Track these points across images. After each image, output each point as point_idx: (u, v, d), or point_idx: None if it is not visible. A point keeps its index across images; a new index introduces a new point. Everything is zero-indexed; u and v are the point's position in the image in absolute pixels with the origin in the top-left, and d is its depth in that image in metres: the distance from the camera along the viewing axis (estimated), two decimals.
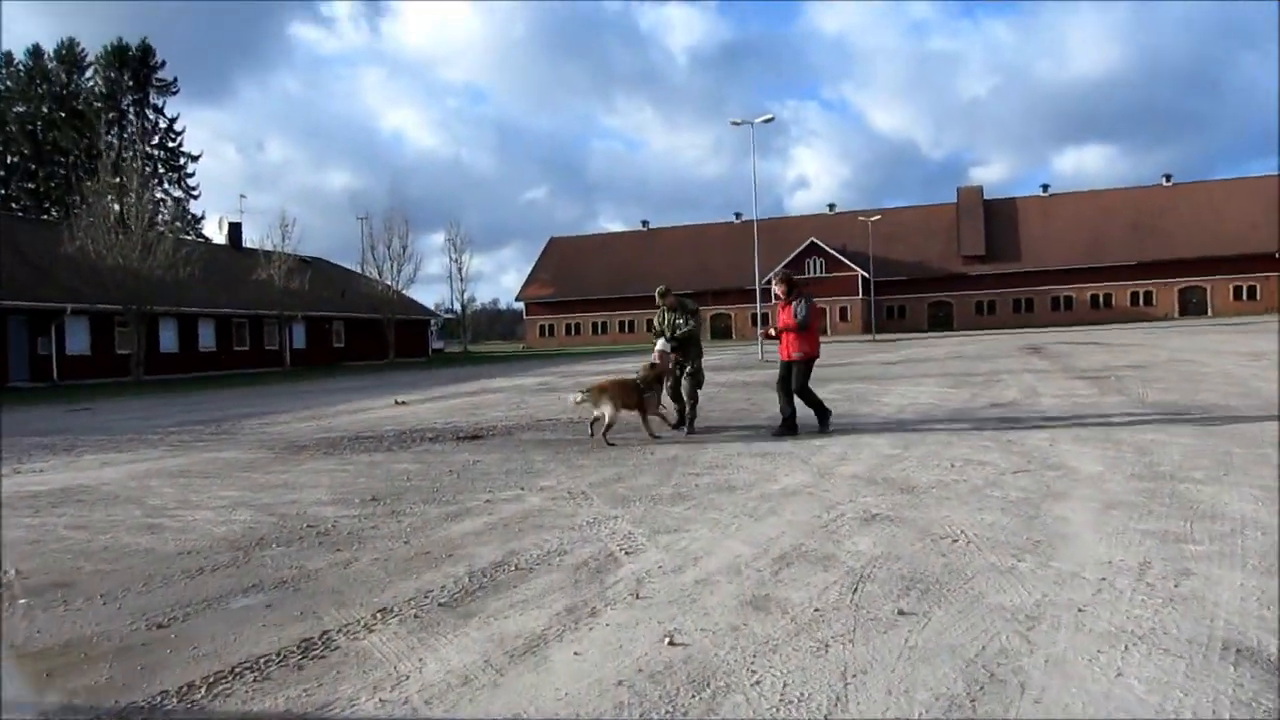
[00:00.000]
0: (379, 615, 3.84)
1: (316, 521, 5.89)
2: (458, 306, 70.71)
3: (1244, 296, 67.77)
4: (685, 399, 10.17)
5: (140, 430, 13.06)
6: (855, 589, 3.83)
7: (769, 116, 29.24)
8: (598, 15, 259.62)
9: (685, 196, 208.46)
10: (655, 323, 10.56)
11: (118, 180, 30.99)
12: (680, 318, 10.26)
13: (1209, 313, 67.77)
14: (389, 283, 49.12)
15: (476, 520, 5.70)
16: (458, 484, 7.15)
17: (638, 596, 3.89)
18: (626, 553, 4.65)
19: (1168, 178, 75.13)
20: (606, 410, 9.11)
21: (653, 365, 9.86)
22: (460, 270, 65.96)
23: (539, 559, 4.64)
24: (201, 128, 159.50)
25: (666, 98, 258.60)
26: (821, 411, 9.37)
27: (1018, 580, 3.85)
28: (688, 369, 10.20)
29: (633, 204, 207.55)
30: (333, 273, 56.01)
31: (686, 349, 10.25)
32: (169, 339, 38.49)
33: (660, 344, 10.21)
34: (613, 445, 9.00)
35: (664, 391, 10.04)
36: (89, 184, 30.37)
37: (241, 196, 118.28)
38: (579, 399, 9.53)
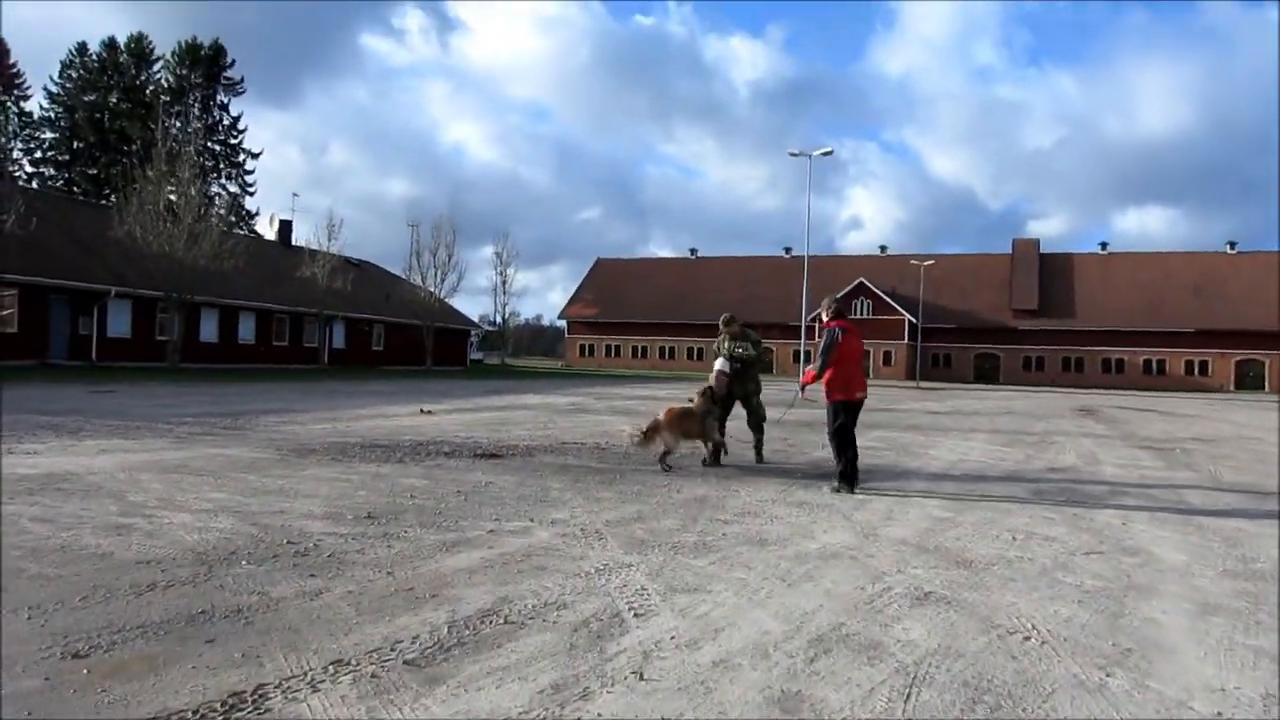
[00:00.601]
0: (331, 669, 3.21)
1: (299, 538, 5.30)
2: (499, 319, 70.31)
3: None
4: (751, 433, 10.08)
5: (154, 418, 12.65)
6: (908, 695, 3.12)
7: (828, 150, 28.63)
8: (663, 43, 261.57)
9: (737, 228, 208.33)
10: (716, 348, 10.29)
11: (170, 169, 31.09)
12: (740, 346, 9.99)
13: (1266, 388, 65.52)
14: (432, 290, 48.91)
15: (474, 553, 5.07)
16: (463, 507, 6.53)
17: (642, 677, 3.22)
18: (636, 614, 3.98)
19: (1232, 245, 73.06)
20: (666, 440, 8.99)
21: (709, 390, 9.62)
22: (505, 283, 65.71)
23: (534, 611, 3.99)
24: (267, 128, 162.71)
25: (726, 129, 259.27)
26: (846, 470, 7.95)
27: (1110, 704, 3.12)
28: (751, 402, 10.05)
29: (684, 231, 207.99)
30: (380, 277, 56.19)
31: (744, 377, 10.02)
32: (209, 329, 38.61)
33: (719, 363, 9.97)
34: (669, 469, 8.86)
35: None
36: (141, 170, 30.42)
37: (294, 195, 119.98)
38: (635, 439, 9.24)
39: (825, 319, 8.37)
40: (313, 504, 6.45)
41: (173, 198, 32.03)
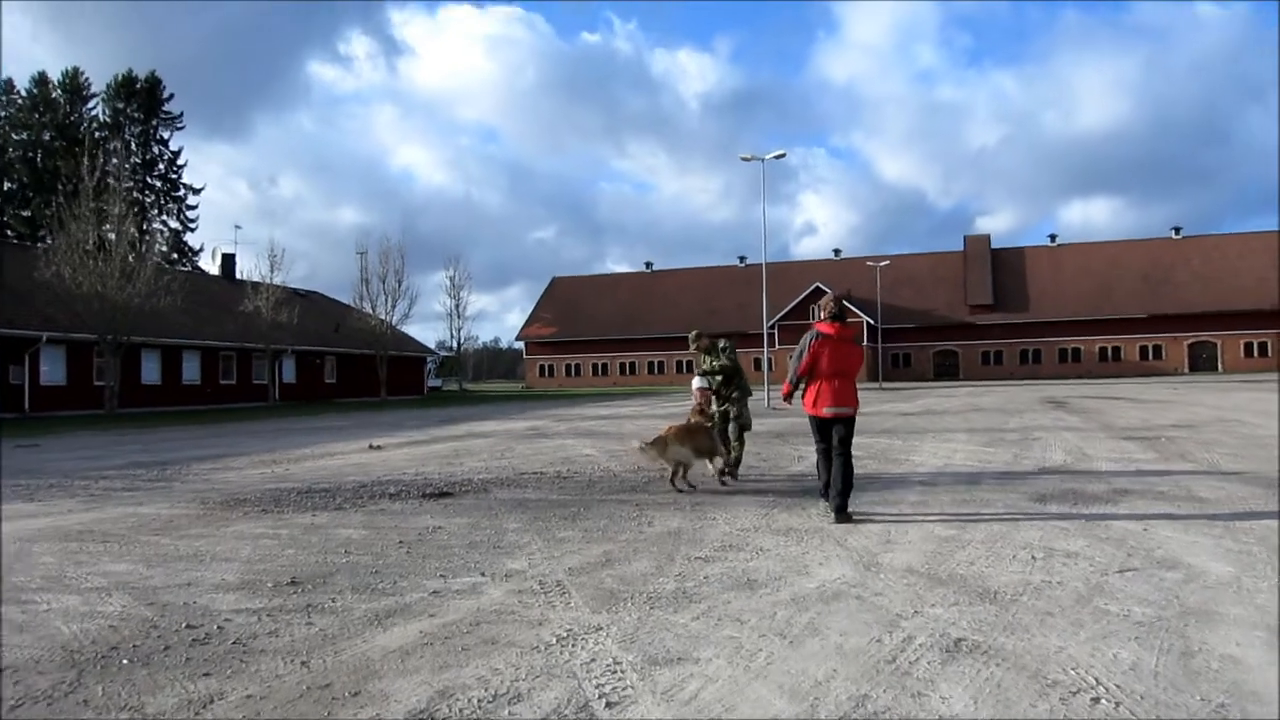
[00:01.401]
0: None
1: (201, 619, 4.42)
2: (455, 344, 69.06)
3: (1255, 353, 66.46)
4: (731, 444, 9.38)
5: (72, 474, 11.58)
6: None
7: (780, 153, 28.13)
8: (610, 60, 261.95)
9: (693, 240, 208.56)
10: (695, 367, 9.95)
11: (98, 205, 29.73)
12: (713, 359, 9.53)
13: (1219, 368, 66.44)
14: (383, 317, 47.67)
15: (411, 626, 4.23)
16: (404, 563, 5.67)
17: None
18: (609, 703, 3.17)
19: (1177, 230, 74.24)
20: (680, 454, 8.56)
21: (700, 409, 9.26)
22: (459, 308, 64.55)
23: (480, 708, 3.17)
24: (214, 162, 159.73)
25: (678, 142, 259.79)
26: (834, 490, 6.89)
27: None
28: (732, 412, 9.48)
29: (640, 246, 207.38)
30: (329, 307, 54.78)
31: (729, 387, 9.51)
32: (151, 371, 37.07)
33: (696, 381, 9.56)
34: (693, 488, 8.53)
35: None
36: (68, 208, 29.03)
37: (236, 227, 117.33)
38: (643, 449, 8.67)
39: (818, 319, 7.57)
40: (228, 571, 5.55)
41: (97, 234, 30.62)
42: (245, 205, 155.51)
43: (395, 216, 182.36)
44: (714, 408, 9.54)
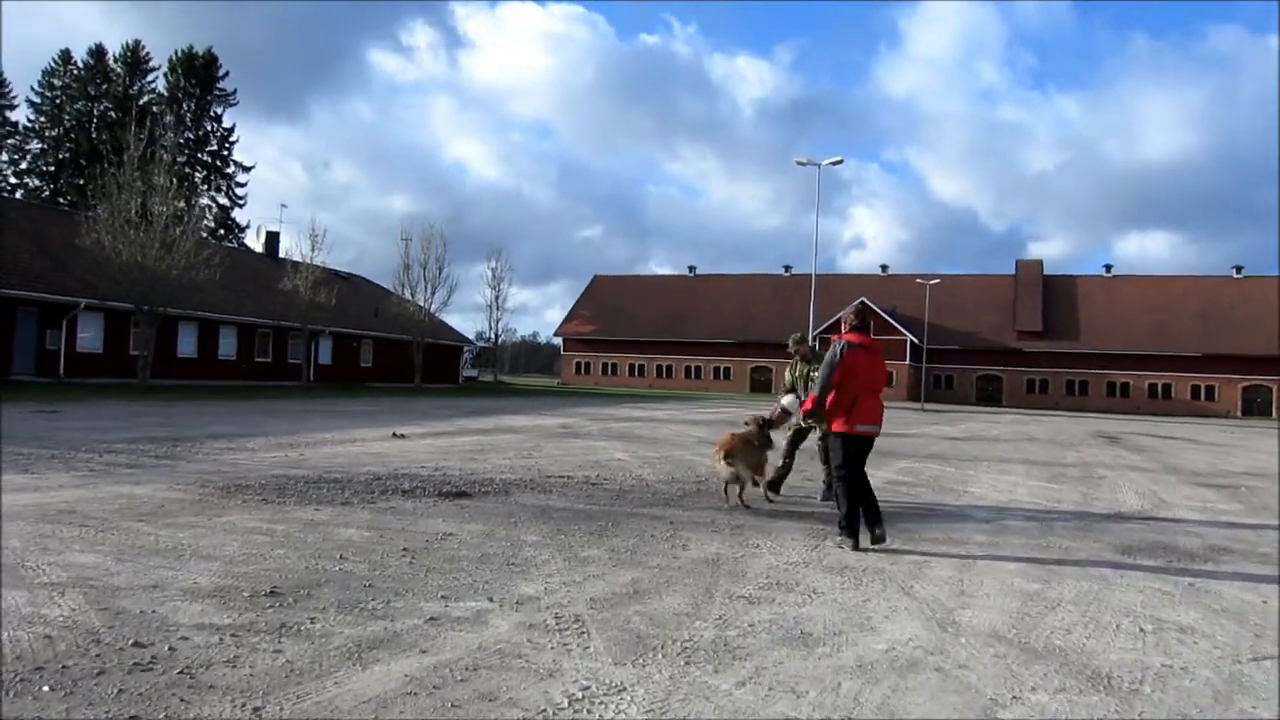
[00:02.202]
0: None
1: (155, 635, 3.73)
2: (493, 336, 68.74)
3: None
4: (824, 467, 8.73)
5: (79, 445, 11.06)
6: None
7: (838, 159, 27.22)
8: (668, 62, 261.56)
9: (739, 248, 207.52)
10: (788, 376, 9.24)
11: (143, 174, 29.54)
12: (802, 381, 8.84)
13: (1273, 414, 64.07)
14: (422, 304, 47.36)
15: (396, 665, 3.51)
16: (404, 576, 4.96)
17: None
18: None
19: (1238, 269, 71.89)
20: (741, 471, 7.93)
21: (765, 421, 8.48)
22: (499, 299, 64.16)
23: None
24: (271, 144, 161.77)
25: (730, 148, 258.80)
26: (844, 521, 6.39)
27: None
28: (815, 435, 8.81)
29: (685, 250, 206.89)
30: (370, 291, 54.68)
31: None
32: (187, 343, 37.00)
33: (787, 399, 8.70)
34: (748, 508, 7.95)
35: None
36: (113, 176, 28.86)
37: (283, 206, 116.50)
38: (725, 462, 7.98)
39: (843, 332, 6.84)
40: (204, 572, 4.88)
41: (154, 206, 30.44)
42: (299, 188, 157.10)
43: (445, 207, 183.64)
44: (792, 422, 8.88)
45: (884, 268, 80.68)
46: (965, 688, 3.50)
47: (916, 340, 66.52)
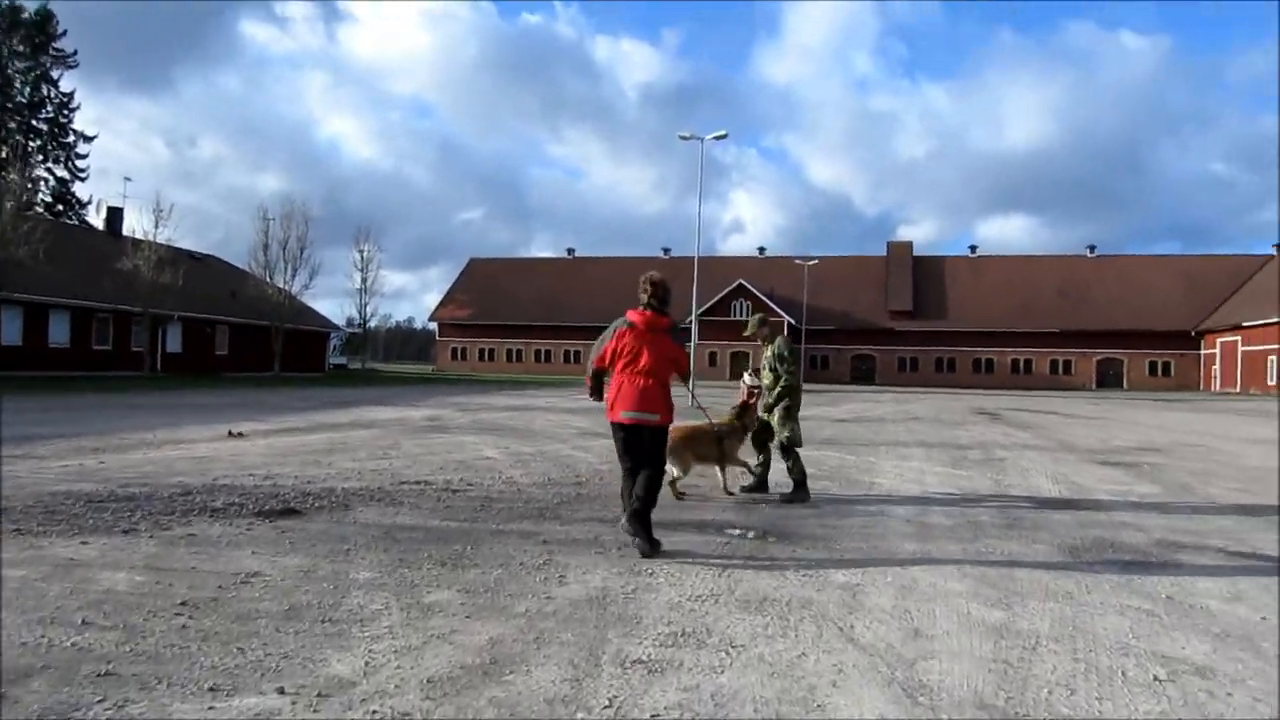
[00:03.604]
0: None
1: None
2: (362, 321, 65.51)
3: (1159, 372, 67.77)
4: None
5: None
6: None
7: (722, 133, 26.28)
8: (552, 43, 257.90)
9: (623, 231, 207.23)
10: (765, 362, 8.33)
11: None
12: (781, 362, 8.08)
13: (1124, 385, 67.50)
14: (282, 286, 44.31)
15: None
16: (167, 650, 3.51)
17: None
18: None
19: (1092, 248, 75.43)
20: (674, 469, 7.48)
21: (743, 406, 8.16)
22: (366, 281, 61.03)
23: None
24: (129, 117, 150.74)
25: (615, 132, 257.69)
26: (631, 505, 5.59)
27: None
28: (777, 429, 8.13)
29: (569, 233, 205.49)
30: (226, 273, 51.05)
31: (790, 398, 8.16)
32: (11, 330, 33.36)
33: (747, 377, 8.41)
34: (682, 497, 7.66)
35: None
36: None
37: (126, 179, 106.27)
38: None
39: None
40: None
41: None
42: (160, 164, 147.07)
43: (320, 187, 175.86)
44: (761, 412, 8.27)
45: (761, 250, 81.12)
46: None
47: (794, 321, 66.99)
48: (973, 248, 78.55)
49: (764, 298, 69.47)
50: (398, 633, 3.84)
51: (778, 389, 8.02)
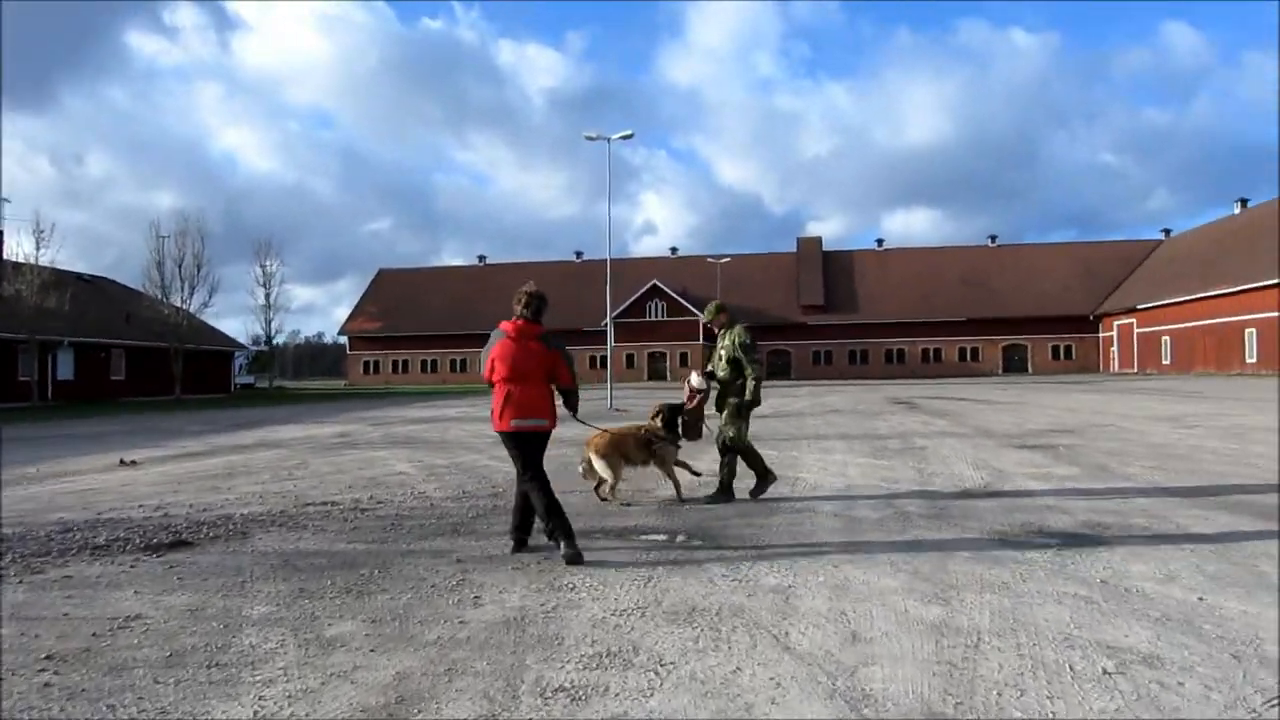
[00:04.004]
0: None
1: None
2: (270, 338, 63.29)
3: (1061, 356, 70.20)
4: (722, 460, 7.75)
5: None
6: None
7: (628, 133, 26.07)
8: (455, 48, 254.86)
9: (533, 236, 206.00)
10: (719, 352, 7.85)
11: None
12: (747, 352, 7.58)
13: (1029, 370, 69.75)
14: (179, 306, 42.44)
15: None
16: (24, 717, 3.08)
17: None
18: None
19: (993, 238, 77.73)
20: (604, 474, 7.36)
21: (671, 408, 7.74)
22: (270, 296, 58.96)
23: None
24: (12, 136, 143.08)
25: (521, 137, 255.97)
26: (551, 526, 5.51)
27: None
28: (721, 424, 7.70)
29: (479, 241, 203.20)
30: (119, 295, 48.72)
31: (731, 388, 7.67)
32: None
33: (694, 378, 7.75)
34: (628, 506, 7.33)
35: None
36: None
37: (5, 200, 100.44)
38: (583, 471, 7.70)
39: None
40: None
41: None
42: (46, 184, 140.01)
43: (217, 202, 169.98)
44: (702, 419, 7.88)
45: (674, 250, 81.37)
46: None
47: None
48: (879, 241, 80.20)
49: (678, 297, 69.71)
50: (293, 674, 3.46)
51: (750, 384, 7.49)
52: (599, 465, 7.33)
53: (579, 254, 79.33)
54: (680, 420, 7.73)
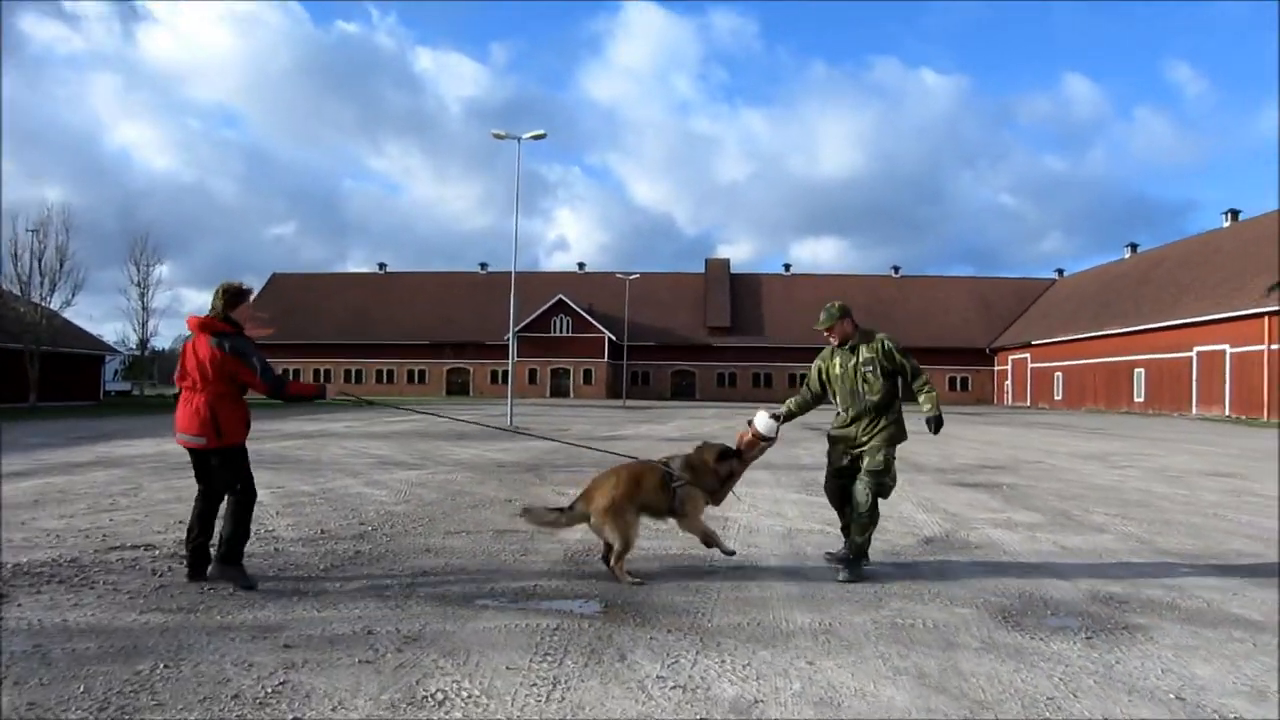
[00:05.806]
0: None
1: None
2: (144, 342, 59.01)
3: (958, 387, 71.40)
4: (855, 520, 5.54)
5: None
6: None
7: (540, 133, 24.54)
8: (371, 54, 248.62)
9: (445, 247, 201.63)
10: (819, 373, 6.11)
11: None
12: (906, 360, 5.87)
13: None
14: (38, 303, 38.84)
15: None
16: None
17: None
18: None
19: (896, 269, 78.89)
20: (612, 533, 5.23)
21: (724, 452, 5.67)
22: (144, 295, 54.67)
23: None
24: None
25: (437, 146, 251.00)
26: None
27: None
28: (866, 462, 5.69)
29: (388, 249, 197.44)
30: None
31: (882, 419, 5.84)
32: None
33: (761, 419, 5.78)
34: (638, 584, 5.14)
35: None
36: None
37: None
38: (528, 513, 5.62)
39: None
40: None
41: None
42: None
43: (111, 199, 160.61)
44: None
45: (581, 265, 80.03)
46: None
47: (615, 338, 66.10)
48: (787, 266, 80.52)
49: (584, 313, 68.27)
50: None
51: (931, 396, 5.86)
52: (608, 530, 5.30)
53: (484, 265, 77.21)
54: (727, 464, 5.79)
